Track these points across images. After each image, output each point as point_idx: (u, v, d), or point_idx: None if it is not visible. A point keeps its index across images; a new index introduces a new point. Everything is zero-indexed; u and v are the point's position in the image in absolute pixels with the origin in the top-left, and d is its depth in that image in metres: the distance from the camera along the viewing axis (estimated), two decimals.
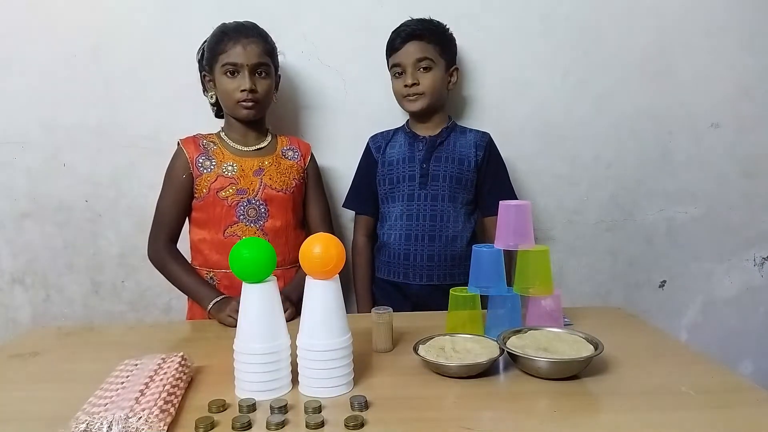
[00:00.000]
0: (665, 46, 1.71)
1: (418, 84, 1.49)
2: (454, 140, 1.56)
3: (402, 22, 1.54)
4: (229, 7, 1.58)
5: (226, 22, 1.42)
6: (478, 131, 1.59)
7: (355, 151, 1.63)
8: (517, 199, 1.57)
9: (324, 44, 1.66)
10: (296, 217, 1.47)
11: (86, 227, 1.69)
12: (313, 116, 1.70)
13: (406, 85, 1.50)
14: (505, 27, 1.68)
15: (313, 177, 1.52)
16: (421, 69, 1.50)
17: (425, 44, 1.50)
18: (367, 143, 1.62)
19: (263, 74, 1.40)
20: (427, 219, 1.52)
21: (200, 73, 1.48)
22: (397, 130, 1.62)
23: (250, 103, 1.39)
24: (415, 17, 1.55)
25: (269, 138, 1.49)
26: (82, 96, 1.63)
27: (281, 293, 1.28)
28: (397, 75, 1.53)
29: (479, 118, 1.71)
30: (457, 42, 1.59)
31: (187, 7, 1.62)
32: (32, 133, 1.64)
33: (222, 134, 1.46)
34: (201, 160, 1.40)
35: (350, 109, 1.69)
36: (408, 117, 1.62)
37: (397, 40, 1.50)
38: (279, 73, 1.50)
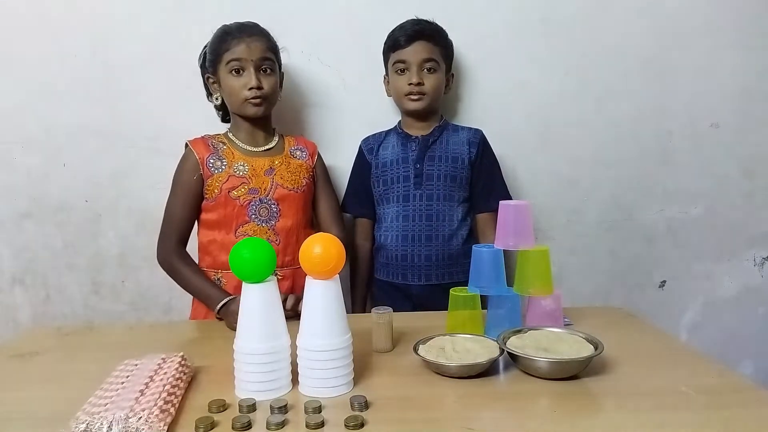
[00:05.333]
0: (665, 46, 1.71)
1: (423, 84, 1.50)
2: (447, 138, 1.56)
3: (402, 20, 1.54)
4: (229, 7, 1.58)
5: (227, 23, 1.42)
6: (471, 128, 1.60)
7: (355, 150, 1.63)
8: (509, 196, 1.57)
9: (324, 44, 1.66)
10: (306, 217, 1.47)
11: (86, 227, 1.68)
12: (312, 116, 1.70)
13: (410, 84, 1.50)
14: (505, 27, 1.68)
15: (321, 175, 1.52)
16: (426, 70, 1.50)
17: (432, 46, 1.50)
18: (359, 146, 1.62)
19: (268, 70, 1.40)
20: (423, 219, 1.52)
21: (203, 77, 1.48)
22: (389, 131, 1.62)
23: (257, 100, 1.38)
24: (417, 17, 1.55)
25: (276, 138, 1.49)
26: (82, 96, 1.63)
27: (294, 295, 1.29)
28: (399, 72, 1.52)
29: (479, 118, 1.70)
30: (457, 42, 1.59)
31: (186, 8, 1.62)
32: (32, 133, 1.64)
33: (230, 135, 1.46)
34: (212, 161, 1.39)
35: (350, 109, 1.69)
36: (400, 117, 1.62)
37: (402, 38, 1.50)
38: (282, 71, 1.50)
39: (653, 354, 1.08)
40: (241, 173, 1.39)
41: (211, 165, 1.39)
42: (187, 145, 1.42)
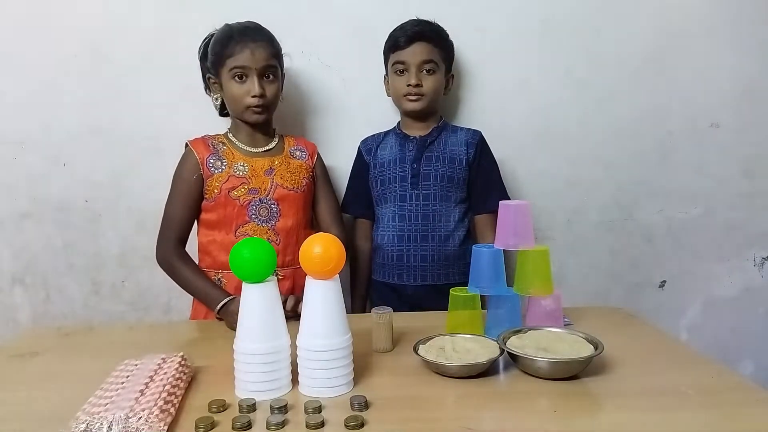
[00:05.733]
0: (665, 46, 1.71)
1: (422, 85, 1.50)
2: (445, 139, 1.56)
3: (403, 20, 1.54)
4: (230, 7, 1.58)
5: (231, 24, 1.42)
6: (469, 129, 1.60)
7: (355, 151, 1.63)
8: (508, 197, 1.57)
9: (324, 44, 1.66)
10: (306, 217, 1.47)
11: (86, 227, 1.68)
12: (312, 116, 1.70)
13: (409, 85, 1.50)
14: (505, 28, 1.68)
15: (321, 176, 1.52)
16: (425, 71, 1.50)
17: (431, 47, 1.50)
18: (358, 147, 1.62)
19: (271, 77, 1.40)
20: (419, 219, 1.52)
21: (202, 72, 1.48)
22: (388, 132, 1.62)
23: (259, 109, 1.39)
24: (417, 17, 1.55)
25: (277, 139, 1.49)
26: (82, 96, 1.63)
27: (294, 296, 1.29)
28: (398, 73, 1.52)
29: (479, 119, 1.71)
30: (457, 43, 1.59)
31: (187, 7, 1.62)
32: (32, 133, 1.64)
33: (230, 135, 1.46)
34: (212, 161, 1.39)
35: (350, 109, 1.69)
36: (399, 118, 1.62)
37: (402, 38, 1.50)
38: (284, 72, 1.50)
39: (653, 354, 1.08)
40: (241, 173, 1.40)
41: (211, 165, 1.39)
42: (187, 145, 1.42)
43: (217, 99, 1.47)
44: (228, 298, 1.29)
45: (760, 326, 1.85)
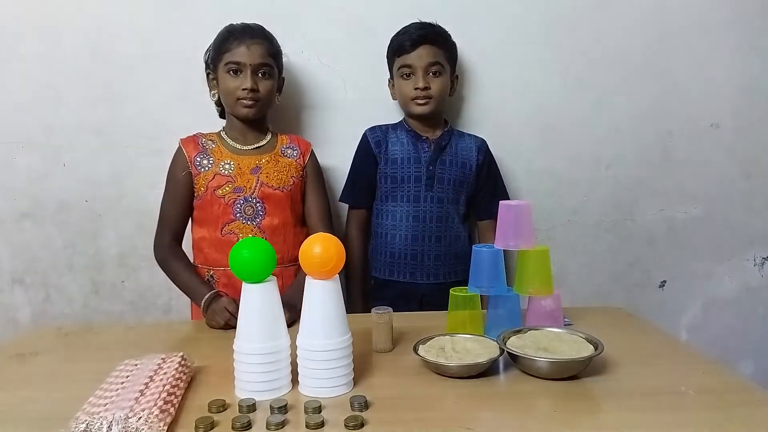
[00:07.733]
0: (665, 46, 1.71)
1: (430, 88, 1.50)
2: (456, 144, 1.58)
3: (404, 24, 1.54)
4: (230, 7, 1.58)
5: (234, 23, 1.43)
6: (476, 137, 1.62)
7: (353, 151, 1.63)
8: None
9: (324, 44, 1.66)
10: (294, 215, 1.47)
11: (86, 227, 1.68)
12: (312, 116, 1.70)
13: (417, 88, 1.50)
14: (505, 28, 1.68)
15: (312, 174, 1.52)
16: (432, 74, 1.51)
17: (437, 49, 1.51)
18: (365, 135, 1.60)
19: (265, 75, 1.41)
20: (434, 221, 1.54)
21: (206, 73, 1.48)
22: (395, 126, 1.61)
23: (250, 102, 1.39)
24: (417, 19, 1.55)
25: (269, 136, 1.49)
26: (82, 96, 1.63)
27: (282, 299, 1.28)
28: (405, 77, 1.52)
29: (479, 119, 1.71)
30: (457, 43, 1.59)
31: (187, 7, 1.62)
32: (32, 133, 1.64)
33: (222, 133, 1.47)
34: (199, 159, 1.41)
35: (350, 108, 1.69)
36: (399, 118, 1.62)
37: (407, 42, 1.50)
38: (283, 76, 1.50)
39: (653, 354, 1.08)
40: (226, 172, 1.40)
41: (198, 163, 1.41)
42: (179, 142, 1.44)
43: (214, 95, 1.47)
44: (210, 293, 1.28)
45: (760, 326, 1.85)
